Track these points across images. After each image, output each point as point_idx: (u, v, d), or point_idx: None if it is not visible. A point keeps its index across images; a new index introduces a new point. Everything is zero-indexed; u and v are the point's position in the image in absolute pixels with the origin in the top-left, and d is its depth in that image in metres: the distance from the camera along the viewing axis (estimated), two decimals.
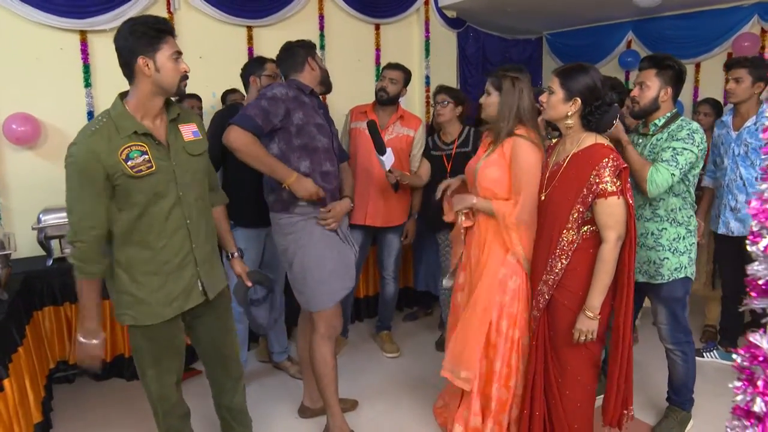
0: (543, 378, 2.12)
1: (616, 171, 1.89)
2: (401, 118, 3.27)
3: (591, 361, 2.07)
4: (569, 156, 1.99)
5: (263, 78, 2.78)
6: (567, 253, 1.98)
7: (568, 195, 1.95)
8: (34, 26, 3.33)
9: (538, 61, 6.47)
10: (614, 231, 1.90)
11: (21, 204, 3.37)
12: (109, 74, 3.58)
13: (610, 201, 1.88)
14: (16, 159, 3.38)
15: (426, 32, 5.08)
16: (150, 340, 1.84)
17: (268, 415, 2.74)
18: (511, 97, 2.18)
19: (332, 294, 2.30)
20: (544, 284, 2.05)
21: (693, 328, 3.55)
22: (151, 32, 1.66)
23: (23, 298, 2.61)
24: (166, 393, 1.93)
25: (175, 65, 1.72)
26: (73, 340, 2.91)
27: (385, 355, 3.43)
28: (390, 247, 3.41)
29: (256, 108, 2.14)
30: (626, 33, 5.54)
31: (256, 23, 4.15)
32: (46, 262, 2.92)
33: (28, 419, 2.18)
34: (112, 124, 1.68)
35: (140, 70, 1.67)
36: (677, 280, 2.31)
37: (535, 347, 2.12)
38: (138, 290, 1.77)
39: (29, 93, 3.37)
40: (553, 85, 1.99)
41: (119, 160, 1.65)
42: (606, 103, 1.96)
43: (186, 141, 1.84)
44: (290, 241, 2.28)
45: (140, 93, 1.71)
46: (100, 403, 2.86)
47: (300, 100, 2.25)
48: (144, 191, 1.70)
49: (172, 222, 1.78)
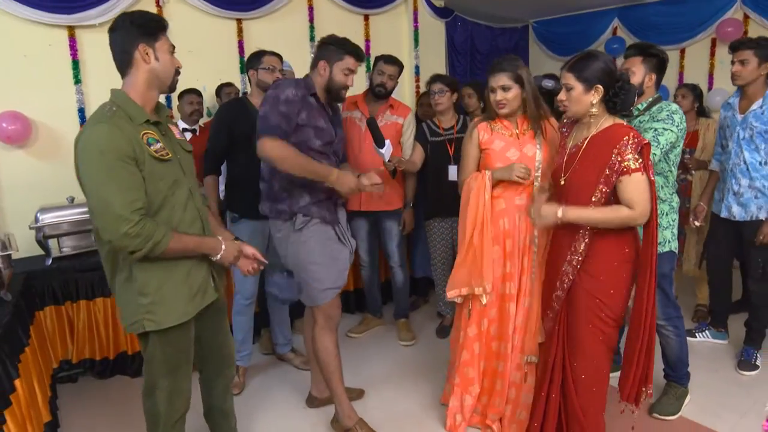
0: (561, 361, 2.15)
1: (638, 148, 1.92)
2: (391, 107, 3.35)
3: (606, 345, 2.08)
4: (588, 138, 2.02)
5: (260, 71, 2.79)
6: (591, 233, 2.02)
7: (590, 177, 1.98)
8: (22, 22, 3.28)
9: (525, 49, 6.51)
10: (641, 206, 1.92)
11: (15, 204, 3.34)
12: (99, 70, 3.55)
13: (634, 177, 1.91)
14: (7, 158, 3.34)
15: (415, 22, 5.09)
16: (169, 345, 1.77)
17: (274, 407, 2.77)
18: (532, 86, 2.27)
19: (326, 291, 2.33)
20: (569, 264, 2.07)
21: (685, 308, 3.69)
22: (152, 23, 1.68)
23: (25, 298, 2.59)
24: (178, 403, 1.85)
25: (172, 58, 1.73)
26: (76, 338, 2.91)
27: (400, 342, 3.49)
28: (390, 233, 3.47)
29: (278, 114, 2.16)
30: (612, 20, 5.61)
31: (245, 16, 4.13)
32: (45, 261, 2.89)
33: (38, 419, 2.17)
34: (123, 112, 1.63)
35: (140, 57, 1.65)
36: (662, 254, 2.36)
37: (556, 331, 2.14)
38: (161, 287, 1.69)
39: (18, 91, 3.32)
40: (569, 80, 1.99)
41: (143, 142, 1.61)
42: (627, 81, 1.98)
43: (178, 138, 1.85)
44: (288, 239, 2.31)
45: (137, 84, 1.67)
46: (105, 401, 2.86)
47: (306, 100, 2.25)
48: (165, 177, 1.67)
49: (188, 212, 1.77)
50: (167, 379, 1.80)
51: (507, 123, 2.37)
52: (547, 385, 2.19)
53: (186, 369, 1.85)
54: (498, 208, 2.36)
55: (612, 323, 2.06)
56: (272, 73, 2.78)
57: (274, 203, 2.31)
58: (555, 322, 2.17)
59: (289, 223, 2.29)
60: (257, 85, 2.82)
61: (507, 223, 2.36)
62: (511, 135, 2.36)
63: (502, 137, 2.37)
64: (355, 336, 3.64)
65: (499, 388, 2.43)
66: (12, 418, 1.78)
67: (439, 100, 3.23)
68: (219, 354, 2.06)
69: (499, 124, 2.38)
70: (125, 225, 1.54)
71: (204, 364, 2.07)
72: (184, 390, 1.87)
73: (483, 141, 2.39)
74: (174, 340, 1.77)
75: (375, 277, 3.67)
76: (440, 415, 2.64)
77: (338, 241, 2.38)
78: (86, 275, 2.86)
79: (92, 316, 2.92)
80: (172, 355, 1.79)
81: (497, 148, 2.36)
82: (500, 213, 2.36)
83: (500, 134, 2.37)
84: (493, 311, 2.41)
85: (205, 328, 1.96)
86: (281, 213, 2.29)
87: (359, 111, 3.34)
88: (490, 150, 2.38)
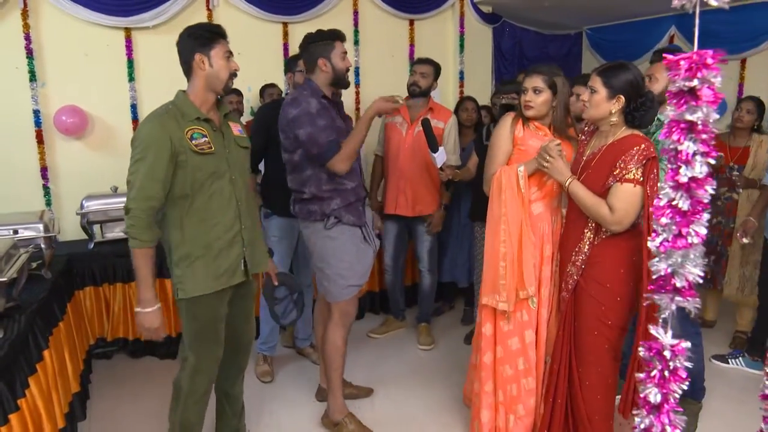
0: (567, 366, 2.14)
1: (642, 160, 1.92)
2: (431, 111, 3.35)
3: (611, 352, 2.07)
4: (604, 147, 2.04)
5: (297, 74, 2.90)
6: (595, 234, 2.04)
7: (598, 182, 2.01)
8: (83, 24, 3.55)
9: (578, 56, 6.34)
10: (618, 213, 1.94)
11: (69, 190, 3.60)
12: (151, 69, 3.79)
13: (625, 186, 1.93)
14: (65, 148, 3.61)
15: (461, 27, 5.08)
16: (196, 316, 1.95)
17: (285, 398, 2.88)
18: (566, 95, 2.27)
19: (349, 288, 2.40)
20: (573, 265, 2.09)
21: (724, 334, 3.51)
22: (207, 34, 1.92)
23: (66, 277, 2.81)
24: (199, 382, 2.00)
25: (227, 63, 1.94)
26: (111, 318, 3.12)
27: (419, 347, 3.51)
28: (422, 238, 3.50)
29: (323, 130, 2.25)
30: (669, 27, 5.37)
31: (291, 19, 4.27)
32: (87, 245, 3.12)
33: (66, 388, 2.36)
34: (177, 110, 1.89)
35: (197, 66, 1.90)
36: None
37: (561, 335, 2.14)
38: (192, 263, 1.90)
39: (78, 87, 3.59)
40: (595, 84, 2.01)
41: (186, 138, 1.86)
42: (650, 99, 1.99)
43: (235, 135, 2.06)
44: (316, 234, 2.40)
45: (197, 87, 1.93)
46: (134, 379, 3.05)
47: (323, 105, 2.32)
48: (204, 169, 1.88)
49: (225, 201, 1.96)
50: (193, 353, 1.98)
51: (539, 125, 2.31)
52: (553, 390, 2.18)
53: (211, 347, 2.01)
54: (536, 212, 2.26)
55: (618, 331, 2.06)
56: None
57: (304, 205, 2.40)
58: (561, 326, 2.16)
59: (319, 223, 2.37)
60: (294, 87, 2.94)
61: (546, 227, 2.27)
62: (546, 135, 2.28)
63: (538, 137, 2.29)
64: (376, 336, 3.69)
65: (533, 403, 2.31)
66: (36, 384, 1.95)
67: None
68: (238, 339, 2.19)
69: (532, 125, 2.31)
70: (132, 203, 1.82)
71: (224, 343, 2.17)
72: (206, 370, 2.02)
73: (518, 137, 2.30)
74: (200, 312, 1.95)
75: (398, 282, 3.70)
76: (446, 421, 2.65)
77: (364, 240, 2.45)
78: (124, 260, 3.07)
79: (127, 298, 3.13)
80: (198, 327, 1.97)
81: (533, 147, 2.25)
82: (539, 218, 2.27)
83: (535, 134, 2.30)
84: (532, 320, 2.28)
85: (232, 312, 2.10)
86: (312, 213, 2.37)
87: (400, 116, 3.38)
88: (527, 147, 2.28)
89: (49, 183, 3.57)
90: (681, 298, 1.27)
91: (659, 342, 1.28)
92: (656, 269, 1.27)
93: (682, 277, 1.26)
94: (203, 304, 1.94)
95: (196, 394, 2.02)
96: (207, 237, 1.93)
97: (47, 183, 3.56)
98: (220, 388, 2.26)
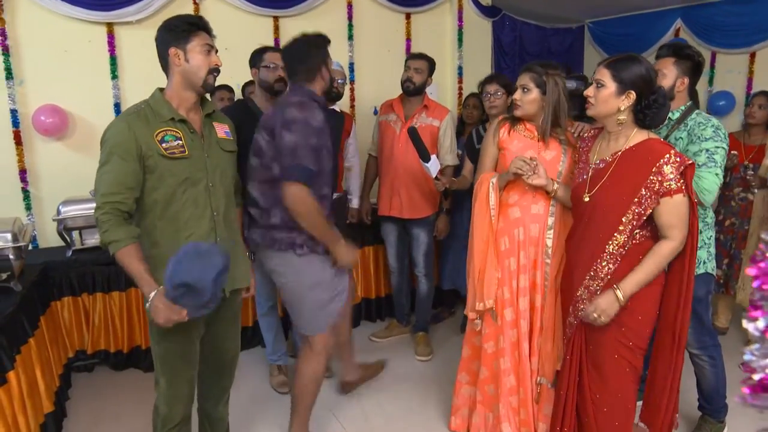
0: (576, 392, 1.99)
1: (681, 167, 1.75)
2: (426, 108, 3.22)
3: (632, 375, 1.93)
4: (619, 153, 1.84)
5: (261, 69, 2.64)
6: (616, 257, 1.84)
7: (622, 196, 1.81)
8: (62, 19, 3.37)
9: (580, 50, 6.18)
10: (680, 231, 1.78)
11: (50, 193, 3.43)
12: (135, 66, 3.61)
13: (676, 199, 1.76)
14: (45, 149, 3.45)
15: (459, 21, 4.91)
16: (165, 342, 1.78)
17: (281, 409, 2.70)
18: (557, 96, 2.14)
19: (328, 318, 2.21)
20: (586, 290, 1.90)
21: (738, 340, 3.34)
22: (183, 26, 1.75)
23: (40, 288, 2.65)
24: (176, 408, 1.84)
25: (206, 57, 1.76)
26: (92, 329, 2.96)
27: (416, 357, 3.34)
28: (418, 241, 3.35)
29: (309, 151, 1.97)
30: (674, 21, 5.21)
31: (282, 13, 4.09)
32: (65, 253, 2.96)
33: (37, 409, 2.20)
34: (151, 109, 1.75)
35: (172, 61, 1.75)
36: (697, 276, 2.13)
37: (569, 360, 1.99)
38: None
39: (57, 85, 3.42)
40: (603, 77, 1.82)
41: (154, 140, 1.70)
42: (662, 96, 1.81)
43: (219, 137, 1.88)
44: (284, 266, 2.15)
45: (173, 84, 1.78)
46: (116, 393, 2.89)
47: (325, 125, 2.06)
48: (176, 174, 1.72)
49: (199, 210, 1.79)
50: (165, 378, 1.82)
51: (530, 126, 2.23)
52: (560, 418, 2.03)
53: (185, 373, 1.85)
54: (513, 217, 2.21)
55: (639, 352, 1.90)
56: (274, 71, 2.60)
57: (268, 231, 2.11)
58: (567, 351, 1.99)
59: (287, 253, 2.10)
60: (259, 85, 2.68)
61: (521, 233, 2.19)
62: (533, 137, 2.21)
63: (521, 139, 2.22)
64: (378, 340, 3.57)
65: (524, 416, 2.25)
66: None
67: (494, 102, 2.97)
68: (219, 357, 2.03)
69: (522, 126, 2.24)
70: (98, 211, 1.65)
71: (203, 366, 2.02)
72: (182, 396, 1.85)
73: (502, 139, 2.26)
74: (171, 338, 1.77)
75: (404, 284, 3.57)
76: None
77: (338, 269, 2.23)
78: (104, 269, 2.91)
79: (108, 308, 2.96)
80: (169, 353, 1.81)
81: (514, 149, 2.21)
82: (515, 222, 2.20)
83: (521, 135, 2.23)
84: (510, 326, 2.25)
85: (211, 330, 1.94)
86: (276, 242, 2.09)
87: (395, 114, 3.26)
88: (507, 150, 2.23)
89: (29, 186, 3.40)
90: None
91: None
92: (759, 364, 0.75)
93: None
94: (175, 330, 1.70)
95: (173, 421, 1.85)
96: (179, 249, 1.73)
97: (27, 186, 3.39)
98: (202, 410, 2.11)
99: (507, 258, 2.21)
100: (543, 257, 2.17)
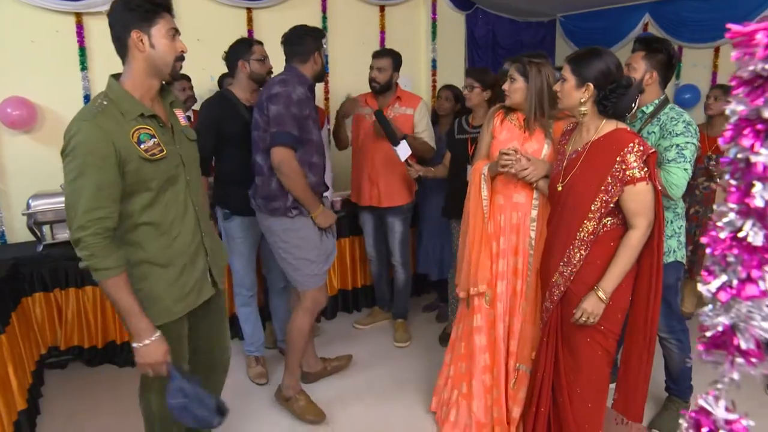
0: (552, 374, 2.06)
1: (643, 156, 1.82)
2: (399, 99, 3.27)
3: (605, 359, 2.00)
4: (589, 144, 1.91)
5: (252, 62, 2.69)
6: (587, 244, 1.91)
7: (590, 184, 1.88)
8: (29, 8, 3.29)
9: (551, 44, 6.24)
10: (644, 218, 1.84)
11: (19, 188, 3.37)
12: (106, 57, 3.53)
13: (639, 187, 1.82)
14: (12, 143, 3.37)
15: (433, 14, 4.94)
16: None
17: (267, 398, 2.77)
18: (540, 84, 2.18)
19: (315, 276, 2.49)
20: (560, 275, 1.97)
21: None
22: (147, 5, 1.55)
23: (10, 284, 2.60)
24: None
25: (172, 43, 1.60)
26: (65, 325, 2.91)
27: (395, 343, 3.41)
28: (392, 230, 3.40)
29: (291, 119, 2.29)
30: (643, 15, 5.31)
31: (255, 5, 4.06)
32: (36, 247, 2.90)
33: (10, 406, 2.17)
34: (115, 106, 1.54)
35: (134, 45, 1.55)
36: (667, 264, 2.23)
37: (545, 342, 2.06)
38: (152, 286, 1.62)
39: (24, 77, 3.34)
40: (565, 72, 1.92)
41: (131, 142, 1.52)
42: (622, 86, 1.87)
43: (183, 125, 1.76)
44: (279, 226, 2.43)
45: (135, 72, 1.58)
46: (91, 390, 2.85)
47: (308, 97, 2.36)
48: (158, 176, 1.58)
49: (182, 208, 1.68)
50: (157, 379, 1.71)
51: (519, 115, 2.29)
52: (536, 400, 2.10)
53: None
54: (497, 204, 2.30)
55: (612, 336, 1.97)
56: (264, 64, 2.70)
57: (268, 200, 2.41)
58: (544, 334, 2.06)
59: (283, 217, 2.40)
60: (250, 77, 2.70)
61: (503, 220, 2.27)
62: (520, 128, 2.28)
63: (510, 129, 2.30)
64: (361, 327, 3.62)
65: (496, 395, 2.31)
66: None
67: (467, 95, 3.01)
68: (209, 354, 1.96)
69: (514, 115, 2.31)
70: (80, 231, 1.47)
71: (193, 363, 1.94)
72: None
73: (495, 127, 2.35)
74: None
75: (383, 271, 3.63)
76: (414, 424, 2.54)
77: (323, 233, 2.55)
78: (76, 263, 2.82)
79: (81, 303, 2.92)
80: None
81: (501, 139, 2.30)
82: (498, 209, 2.29)
83: (510, 125, 2.30)
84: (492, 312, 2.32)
85: (199, 326, 1.88)
86: (275, 210, 2.40)
87: (369, 107, 3.28)
88: (496, 139, 2.32)
89: None
90: (742, 361, 0.88)
91: (711, 418, 0.93)
92: (712, 323, 0.90)
93: (749, 336, 0.87)
94: (165, 329, 1.64)
95: (170, 417, 1.74)
96: (169, 252, 1.65)
97: None
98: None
99: (490, 241, 2.29)
100: (526, 246, 2.23)
